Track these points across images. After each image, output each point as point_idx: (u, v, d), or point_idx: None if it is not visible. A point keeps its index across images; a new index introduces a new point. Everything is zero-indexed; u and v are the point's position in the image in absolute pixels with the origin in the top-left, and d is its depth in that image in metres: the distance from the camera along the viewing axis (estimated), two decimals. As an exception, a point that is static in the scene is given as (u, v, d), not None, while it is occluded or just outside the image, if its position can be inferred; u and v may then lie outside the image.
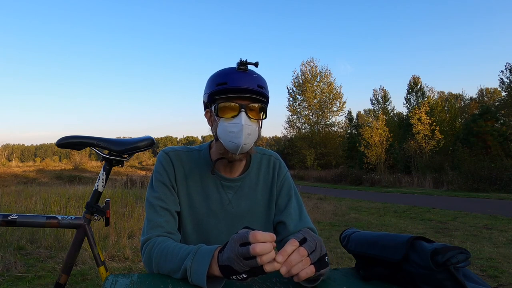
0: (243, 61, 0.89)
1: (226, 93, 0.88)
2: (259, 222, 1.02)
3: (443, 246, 0.67)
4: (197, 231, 0.99)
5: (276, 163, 1.09)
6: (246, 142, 0.88)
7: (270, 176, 1.06)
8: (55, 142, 1.38)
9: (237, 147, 0.88)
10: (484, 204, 8.84)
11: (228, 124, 0.88)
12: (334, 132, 34.24)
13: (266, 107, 0.94)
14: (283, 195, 1.05)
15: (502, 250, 3.99)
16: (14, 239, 3.73)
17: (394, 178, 18.28)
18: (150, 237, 0.88)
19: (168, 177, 0.97)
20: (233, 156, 0.91)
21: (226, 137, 0.89)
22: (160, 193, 0.95)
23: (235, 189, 1.01)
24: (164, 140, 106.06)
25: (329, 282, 0.76)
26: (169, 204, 0.95)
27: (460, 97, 35.56)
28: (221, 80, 0.89)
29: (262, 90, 0.89)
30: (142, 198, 7.74)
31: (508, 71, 23.17)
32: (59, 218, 1.33)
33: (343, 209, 8.15)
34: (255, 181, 1.04)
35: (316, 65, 33.44)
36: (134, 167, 44.06)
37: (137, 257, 3.58)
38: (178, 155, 1.01)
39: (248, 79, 0.88)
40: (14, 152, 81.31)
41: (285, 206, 1.03)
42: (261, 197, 1.03)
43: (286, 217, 1.01)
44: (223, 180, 1.00)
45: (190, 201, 0.99)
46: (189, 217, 0.98)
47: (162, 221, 0.91)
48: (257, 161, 1.06)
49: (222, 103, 0.89)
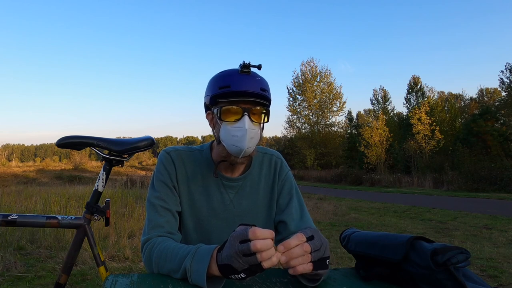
0: (246, 63, 0.87)
1: (229, 96, 0.87)
2: (261, 221, 1.02)
3: (443, 246, 0.67)
4: (199, 231, 0.98)
5: (277, 162, 1.08)
6: (249, 146, 0.88)
7: (272, 175, 1.05)
8: (55, 142, 1.38)
9: (240, 151, 0.88)
10: (484, 204, 8.84)
11: (231, 128, 0.87)
12: (334, 132, 34.25)
13: (269, 110, 0.93)
14: (284, 195, 1.04)
15: (502, 250, 3.99)
16: (14, 239, 3.73)
17: (394, 178, 18.28)
18: (150, 237, 0.88)
19: (169, 177, 0.97)
20: (235, 159, 0.91)
21: (229, 141, 0.88)
22: (161, 193, 0.95)
23: (236, 188, 1.00)
24: (164, 140, 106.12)
25: (329, 282, 0.76)
26: (170, 204, 0.94)
27: (460, 97, 35.57)
28: (224, 83, 0.88)
29: (265, 93, 0.88)
30: (142, 198, 7.74)
31: (508, 71, 23.17)
32: (59, 218, 1.33)
33: (343, 209, 8.15)
34: (256, 181, 1.03)
35: (316, 65, 33.49)
36: (134, 167, 44.10)
37: (137, 257, 3.58)
38: (179, 155, 1.00)
39: (251, 82, 0.87)
40: (14, 152, 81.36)
41: (286, 206, 1.02)
42: (262, 196, 1.03)
43: (287, 216, 1.00)
44: (224, 180, 1.00)
45: (191, 201, 0.98)
46: (190, 216, 0.98)
47: (163, 221, 0.91)
48: (258, 160, 1.06)
49: (225, 107, 0.88)
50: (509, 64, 23.05)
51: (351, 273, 0.83)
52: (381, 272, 0.76)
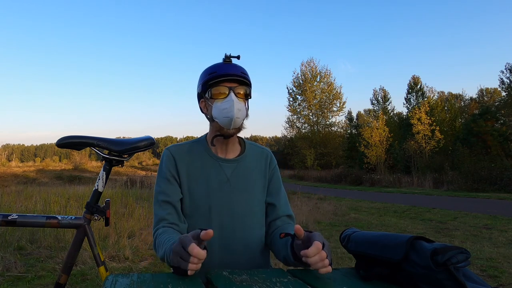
0: (227, 55, 1.10)
1: (216, 78, 1.06)
2: (256, 199, 1.14)
3: (443, 246, 0.67)
4: (200, 208, 1.08)
5: (268, 154, 1.23)
6: (238, 116, 1.04)
7: (263, 163, 1.19)
8: (55, 142, 1.38)
9: (230, 120, 1.03)
10: (484, 204, 8.84)
11: (221, 104, 1.05)
12: (334, 132, 34.28)
13: (250, 90, 1.12)
14: (275, 182, 1.19)
15: (502, 250, 4.00)
16: (14, 239, 3.73)
17: (394, 178, 18.25)
18: (157, 229, 1.03)
19: (168, 170, 1.09)
20: (228, 131, 1.07)
21: (220, 114, 1.04)
22: (162, 187, 1.08)
23: (232, 168, 1.12)
24: (164, 140, 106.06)
25: (329, 282, 0.76)
26: (171, 195, 1.07)
27: (460, 97, 35.57)
28: (212, 71, 1.08)
29: (245, 75, 1.08)
30: (142, 198, 7.75)
31: (508, 71, 23.18)
32: (59, 218, 1.33)
33: (343, 209, 8.16)
34: (249, 165, 1.16)
35: (316, 65, 33.52)
36: (134, 167, 44.09)
37: (137, 257, 3.59)
38: (178, 148, 1.14)
39: (233, 67, 1.08)
40: (14, 152, 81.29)
41: (277, 191, 1.18)
42: (256, 178, 1.15)
43: (277, 200, 1.16)
44: (221, 161, 1.12)
45: (190, 181, 1.10)
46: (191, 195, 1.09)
47: (165, 214, 1.05)
48: (251, 149, 1.20)
49: (215, 87, 1.06)
50: (509, 64, 23.07)
51: (351, 273, 0.83)
52: (381, 272, 0.76)
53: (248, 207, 1.10)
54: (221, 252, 1.05)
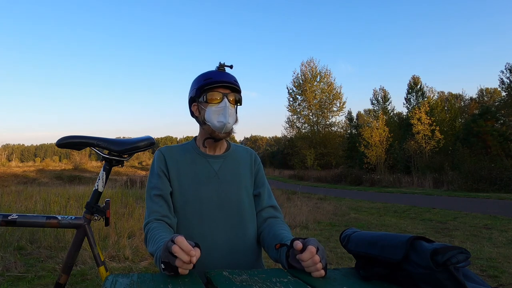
0: (221, 64, 1.19)
1: (212, 84, 1.13)
2: (244, 190, 1.19)
3: (443, 246, 0.67)
4: (190, 201, 1.12)
5: (253, 153, 1.31)
6: (229, 121, 1.11)
7: (249, 159, 1.26)
8: (55, 142, 1.38)
9: (223, 125, 1.11)
10: (484, 204, 8.84)
11: (215, 108, 1.12)
12: (334, 132, 34.22)
13: (240, 97, 1.19)
14: (260, 177, 1.27)
15: (502, 250, 4.00)
16: (14, 239, 3.73)
17: (394, 178, 18.25)
18: (149, 221, 1.07)
19: (159, 167, 1.15)
20: (219, 135, 1.13)
21: (214, 118, 1.11)
22: (154, 183, 1.14)
23: (219, 163, 1.19)
24: (164, 140, 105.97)
25: (329, 282, 0.76)
26: (162, 189, 1.12)
27: (460, 97, 35.54)
28: (207, 77, 1.15)
29: (237, 83, 1.17)
30: (142, 198, 7.74)
31: (508, 71, 23.14)
32: (59, 218, 1.33)
33: (343, 209, 8.16)
34: (236, 161, 1.23)
35: (316, 65, 33.45)
36: (134, 167, 44.07)
37: (137, 257, 3.59)
38: (169, 149, 1.21)
39: (226, 75, 1.16)
40: (14, 152, 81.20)
41: (262, 184, 1.25)
42: (243, 172, 1.22)
43: (262, 191, 1.23)
44: (209, 157, 1.19)
45: (180, 175, 1.15)
46: (181, 189, 1.14)
47: (157, 207, 1.10)
48: (236, 147, 1.29)
49: (210, 92, 1.13)
50: (509, 64, 23.03)
51: (351, 273, 0.83)
52: (381, 272, 0.76)
53: (237, 198, 1.15)
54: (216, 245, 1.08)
